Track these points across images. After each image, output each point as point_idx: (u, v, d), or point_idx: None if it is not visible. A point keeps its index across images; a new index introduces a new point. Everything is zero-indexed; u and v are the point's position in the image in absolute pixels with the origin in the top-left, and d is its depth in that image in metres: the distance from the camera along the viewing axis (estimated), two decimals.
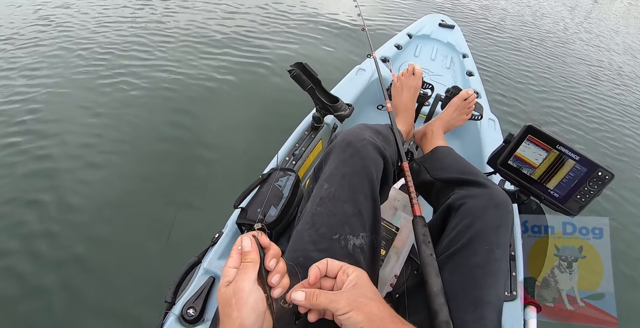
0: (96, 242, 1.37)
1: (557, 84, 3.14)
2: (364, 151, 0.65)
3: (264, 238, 0.44)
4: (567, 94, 3.02)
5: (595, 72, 3.60)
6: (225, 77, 2.36)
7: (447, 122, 1.08)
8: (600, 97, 3.14)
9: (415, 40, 1.92)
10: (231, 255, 0.43)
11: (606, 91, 3.27)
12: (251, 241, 0.44)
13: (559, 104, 2.83)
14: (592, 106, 2.95)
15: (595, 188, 0.79)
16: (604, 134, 2.60)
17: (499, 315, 0.58)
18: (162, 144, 1.82)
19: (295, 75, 0.97)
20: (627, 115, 2.98)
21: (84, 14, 3.08)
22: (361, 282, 0.46)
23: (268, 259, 0.44)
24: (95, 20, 2.99)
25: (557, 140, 0.81)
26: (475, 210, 0.66)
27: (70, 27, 2.84)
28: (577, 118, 2.71)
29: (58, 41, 2.61)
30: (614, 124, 2.78)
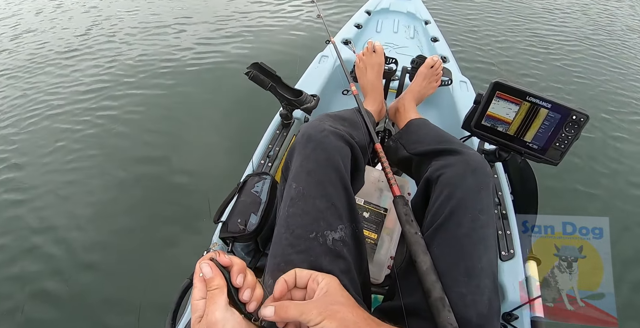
0: (86, 271, 1.41)
1: (521, 30, 3.10)
2: (326, 142, 0.63)
3: (223, 258, 0.42)
4: (529, 37, 3.00)
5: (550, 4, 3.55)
6: (184, 89, 2.36)
7: (417, 93, 1.06)
8: (561, 33, 3.11)
9: (375, 16, 1.88)
10: (195, 286, 0.41)
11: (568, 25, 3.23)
12: (210, 266, 0.41)
13: (523, 49, 2.81)
14: (554, 43, 2.94)
15: (572, 132, 0.77)
16: (573, 73, 2.58)
17: (494, 281, 0.57)
18: (137, 169, 1.84)
19: (253, 77, 0.95)
20: (590, 47, 2.95)
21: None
22: (332, 289, 0.45)
23: (234, 277, 0.42)
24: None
25: (526, 92, 0.80)
26: (453, 179, 0.64)
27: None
28: (542, 61, 2.68)
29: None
30: (582, 61, 2.76)
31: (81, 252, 1.48)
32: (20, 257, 1.48)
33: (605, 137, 2.10)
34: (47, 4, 3.73)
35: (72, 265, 1.44)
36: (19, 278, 1.41)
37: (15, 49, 2.96)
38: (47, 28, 3.23)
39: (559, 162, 0.79)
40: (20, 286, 1.39)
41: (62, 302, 1.34)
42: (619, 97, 2.45)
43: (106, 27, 3.18)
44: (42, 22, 3.34)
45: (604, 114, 2.27)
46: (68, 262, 1.45)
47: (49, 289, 1.37)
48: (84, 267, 1.44)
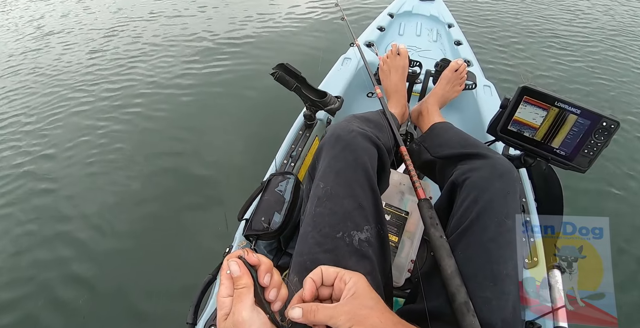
0: (113, 255, 1.47)
1: (541, 30, 3.05)
2: (354, 143, 0.64)
3: (251, 257, 0.42)
4: (549, 38, 2.94)
5: (574, 12, 3.46)
6: (208, 89, 2.40)
7: (441, 97, 1.05)
8: (589, 41, 3.03)
9: (398, 18, 1.88)
10: (222, 282, 0.41)
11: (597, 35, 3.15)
12: (239, 264, 0.41)
13: (544, 50, 2.76)
14: (581, 52, 2.86)
15: (602, 139, 0.76)
16: (601, 81, 2.50)
17: (517, 287, 0.56)
18: (164, 165, 1.88)
19: (278, 77, 0.96)
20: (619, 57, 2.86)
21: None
22: (360, 290, 0.44)
23: (262, 276, 0.42)
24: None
25: (554, 97, 0.79)
26: (480, 183, 0.64)
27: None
28: (573, 68, 2.61)
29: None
30: (611, 68, 2.67)
31: (107, 238, 1.54)
32: (48, 242, 1.56)
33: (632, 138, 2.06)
34: (75, 6, 3.85)
35: (99, 251, 1.51)
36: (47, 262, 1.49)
37: (42, 48, 3.06)
38: (73, 29, 3.33)
39: (587, 169, 0.77)
40: (49, 269, 1.46)
41: (89, 286, 1.39)
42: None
43: (130, 29, 3.27)
44: (67, 23, 3.45)
45: (627, 116, 2.22)
46: (94, 248, 1.51)
47: (74, 273, 1.44)
48: (110, 252, 1.50)
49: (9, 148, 2.06)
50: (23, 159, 1.97)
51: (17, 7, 4.02)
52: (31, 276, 1.43)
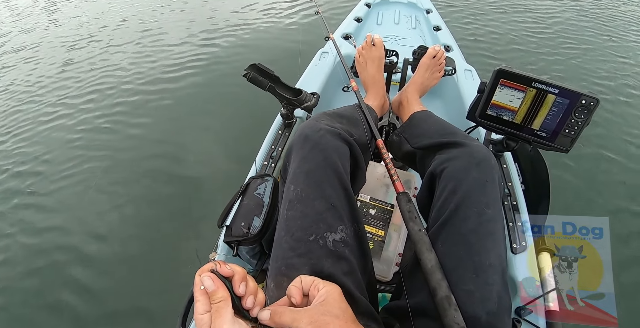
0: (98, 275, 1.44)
1: (525, 17, 3.01)
2: (323, 142, 0.62)
3: (224, 268, 0.41)
4: (535, 24, 2.91)
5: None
6: (185, 92, 2.37)
7: (420, 85, 1.03)
8: (562, 19, 3.02)
9: (375, 8, 1.85)
10: (197, 299, 0.39)
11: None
12: (212, 278, 0.40)
13: (530, 37, 2.73)
14: (557, 28, 2.86)
15: (582, 117, 0.74)
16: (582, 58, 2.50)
17: (503, 276, 0.55)
18: (145, 173, 1.85)
19: (251, 78, 0.94)
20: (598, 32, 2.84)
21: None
22: (330, 298, 0.43)
23: (237, 286, 0.41)
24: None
25: (531, 78, 0.77)
26: (457, 173, 0.62)
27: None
28: (549, 47, 2.61)
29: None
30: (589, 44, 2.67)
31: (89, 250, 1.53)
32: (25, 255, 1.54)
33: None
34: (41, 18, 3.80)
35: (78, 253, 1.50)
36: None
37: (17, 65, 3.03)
38: (40, 45, 3.28)
39: (570, 149, 0.76)
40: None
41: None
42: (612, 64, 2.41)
43: (100, 38, 3.23)
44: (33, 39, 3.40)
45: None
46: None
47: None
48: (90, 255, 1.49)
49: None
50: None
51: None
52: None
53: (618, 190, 1.64)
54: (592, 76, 2.35)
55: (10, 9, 4.15)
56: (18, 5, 4.22)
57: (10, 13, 4.04)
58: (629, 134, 1.92)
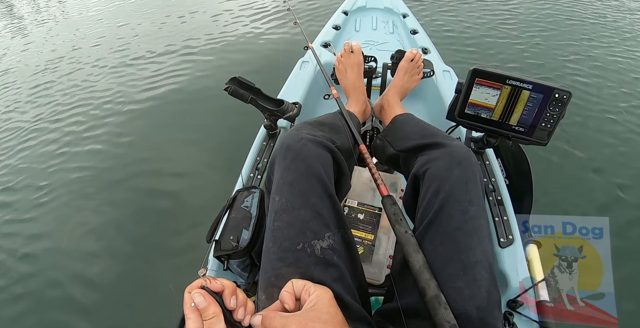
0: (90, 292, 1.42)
1: (506, 17, 3.09)
2: (305, 151, 0.62)
3: (215, 284, 0.41)
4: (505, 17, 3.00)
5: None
6: (168, 108, 2.36)
7: (400, 88, 1.05)
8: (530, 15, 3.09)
9: (352, 15, 1.88)
10: (188, 317, 0.39)
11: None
12: (203, 295, 0.40)
13: (507, 41, 2.79)
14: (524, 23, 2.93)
15: (557, 111, 0.77)
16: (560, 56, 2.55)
17: (491, 271, 0.56)
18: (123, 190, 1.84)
19: (232, 92, 0.95)
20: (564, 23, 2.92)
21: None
22: (320, 304, 0.44)
23: (227, 300, 0.41)
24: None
25: (505, 75, 0.79)
26: (439, 173, 0.63)
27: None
28: (533, 48, 2.66)
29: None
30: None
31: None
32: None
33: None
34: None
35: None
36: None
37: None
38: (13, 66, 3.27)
39: (547, 142, 0.78)
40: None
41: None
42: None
43: (75, 55, 3.24)
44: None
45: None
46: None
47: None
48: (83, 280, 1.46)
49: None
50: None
51: None
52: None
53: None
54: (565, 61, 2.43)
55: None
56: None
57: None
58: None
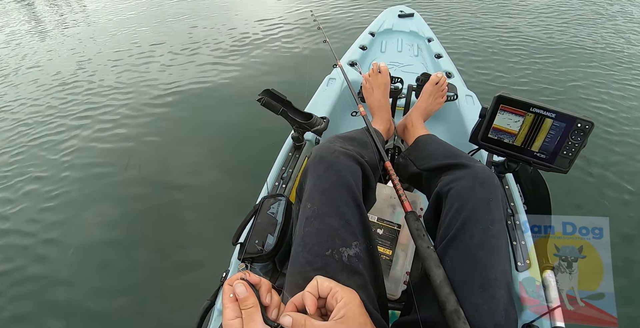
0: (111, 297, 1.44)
1: (523, 49, 3.13)
2: (337, 163, 0.66)
3: (254, 277, 0.44)
4: (531, 56, 3.02)
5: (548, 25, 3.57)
6: (198, 117, 2.44)
7: (424, 110, 1.08)
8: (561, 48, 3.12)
9: (379, 36, 1.95)
10: (226, 306, 0.42)
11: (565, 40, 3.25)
12: (245, 286, 0.42)
13: (525, 67, 2.83)
14: (552, 58, 2.95)
15: (578, 140, 0.78)
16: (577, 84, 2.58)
17: (509, 290, 0.58)
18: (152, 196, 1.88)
19: (265, 103, 0.99)
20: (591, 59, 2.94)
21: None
22: (350, 313, 0.44)
23: (264, 296, 0.43)
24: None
25: (529, 103, 0.82)
26: (463, 193, 0.66)
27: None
28: (547, 74, 2.70)
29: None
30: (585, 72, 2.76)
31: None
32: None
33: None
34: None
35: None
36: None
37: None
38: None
39: (568, 169, 0.80)
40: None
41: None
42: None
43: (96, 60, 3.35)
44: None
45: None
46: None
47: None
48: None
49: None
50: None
51: None
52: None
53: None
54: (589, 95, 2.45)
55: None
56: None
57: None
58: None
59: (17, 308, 1.46)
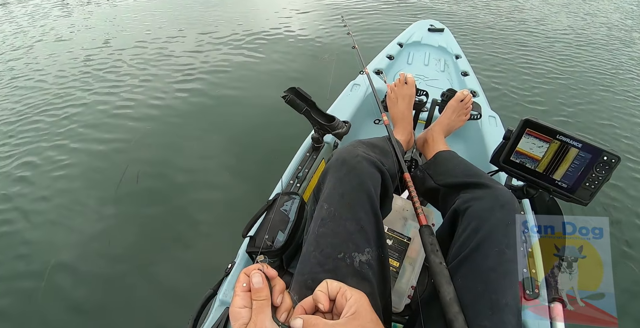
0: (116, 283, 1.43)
1: (553, 73, 3.11)
2: (359, 167, 0.66)
3: (270, 270, 0.44)
4: (564, 81, 3.00)
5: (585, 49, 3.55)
6: (223, 112, 2.45)
7: (446, 126, 1.08)
8: (593, 75, 3.10)
9: (407, 48, 1.95)
10: (237, 294, 0.41)
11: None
12: (262, 277, 0.42)
13: (555, 92, 2.81)
14: (585, 85, 2.94)
15: (603, 173, 0.77)
16: (603, 115, 2.55)
17: (518, 318, 0.57)
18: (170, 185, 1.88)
19: (289, 100, 1.00)
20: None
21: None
22: (361, 309, 0.43)
23: (276, 296, 0.43)
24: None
25: (556, 130, 0.81)
26: (482, 213, 0.65)
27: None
28: (575, 104, 2.68)
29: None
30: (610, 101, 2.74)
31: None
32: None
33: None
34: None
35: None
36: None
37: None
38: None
39: (589, 202, 0.78)
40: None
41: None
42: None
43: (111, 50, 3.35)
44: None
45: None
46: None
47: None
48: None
49: None
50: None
51: None
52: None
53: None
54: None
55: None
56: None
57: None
58: None
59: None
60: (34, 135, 2.32)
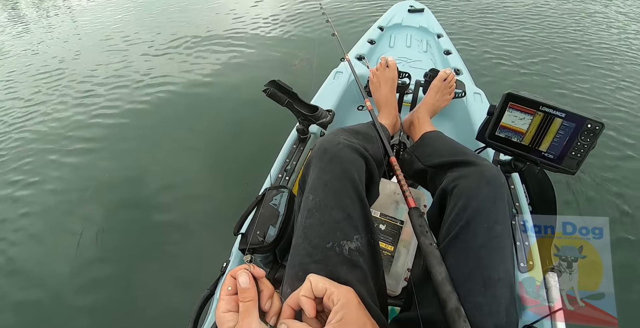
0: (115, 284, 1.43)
1: (534, 44, 3.09)
2: (341, 155, 0.65)
3: (258, 270, 0.43)
4: (544, 51, 2.98)
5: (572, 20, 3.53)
6: (206, 108, 2.43)
7: (431, 106, 1.07)
8: (570, 43, 3.09)
9: (388, 31, 1.93)
10: (222, 298, 0.40)
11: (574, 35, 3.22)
12: (248, 276, 0.41)
13: (537, 64, 2.79)
14: (565, 54, 2.92)
15: (588, 141, 0.77)
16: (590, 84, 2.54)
17: (512, 291, 0.57)
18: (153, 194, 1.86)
19: (270, 94, 0.98)
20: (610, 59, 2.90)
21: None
22: (347, 315, 0.42)
23: (264, 301, 0.42)
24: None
25: (539, 102, 0.80)
26: (468, 190, 0.65)
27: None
28: (556, 72, 2.66)
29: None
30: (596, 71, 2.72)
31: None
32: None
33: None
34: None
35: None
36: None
37: None
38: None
39: (576, 171, 0.79)
40: None
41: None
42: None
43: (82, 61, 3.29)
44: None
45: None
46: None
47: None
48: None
49: None
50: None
51: None
52: None
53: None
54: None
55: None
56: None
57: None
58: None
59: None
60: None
